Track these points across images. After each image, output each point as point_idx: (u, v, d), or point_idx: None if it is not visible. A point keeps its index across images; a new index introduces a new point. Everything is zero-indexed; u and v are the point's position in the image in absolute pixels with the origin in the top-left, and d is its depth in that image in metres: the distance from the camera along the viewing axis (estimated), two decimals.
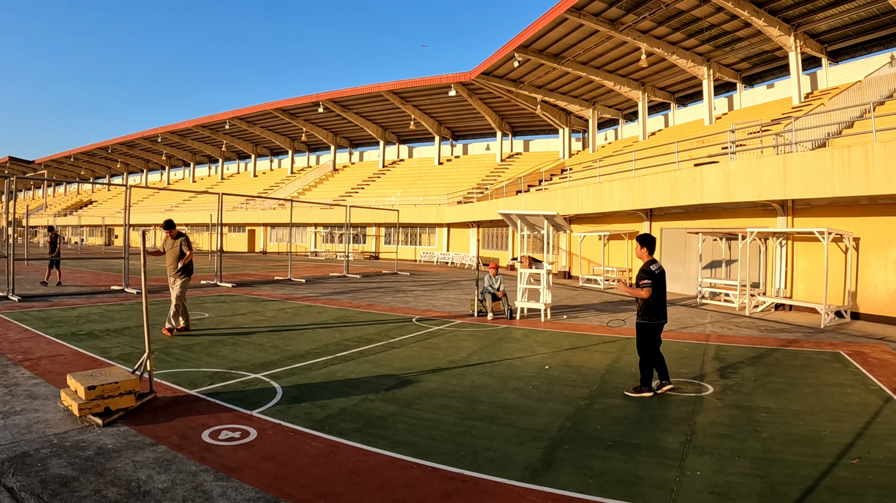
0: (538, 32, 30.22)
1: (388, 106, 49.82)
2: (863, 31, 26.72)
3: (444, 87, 43.11)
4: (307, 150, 66.63)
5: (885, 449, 5.58)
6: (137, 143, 69.93)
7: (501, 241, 37.54)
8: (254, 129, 60.19)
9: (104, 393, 5.89)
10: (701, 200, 18.04)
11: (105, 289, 18.30)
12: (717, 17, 26.51)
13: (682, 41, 29.79)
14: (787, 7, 25.09)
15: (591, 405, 6.93)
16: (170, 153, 73.71)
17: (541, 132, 51.23)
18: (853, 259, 15.29)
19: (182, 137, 66.51)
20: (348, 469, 4.86)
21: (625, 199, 21.91)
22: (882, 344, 11.57)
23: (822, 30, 26.87)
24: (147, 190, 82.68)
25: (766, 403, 7.12)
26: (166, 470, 4.69)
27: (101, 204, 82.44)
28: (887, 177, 12.71)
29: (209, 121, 59.35)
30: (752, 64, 32.51)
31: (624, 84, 35.79)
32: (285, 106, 52.77)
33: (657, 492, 4.56)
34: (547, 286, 14.35)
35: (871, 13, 24.57)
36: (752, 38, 28.46)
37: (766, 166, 15.70)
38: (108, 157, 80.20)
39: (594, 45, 31.00)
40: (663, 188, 19.66)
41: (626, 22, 27.71)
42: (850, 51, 28.56)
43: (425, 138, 57.85)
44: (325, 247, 51.62)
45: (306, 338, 11.04)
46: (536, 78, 37.55)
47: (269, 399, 6.80)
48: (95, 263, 33.23)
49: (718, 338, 11.92)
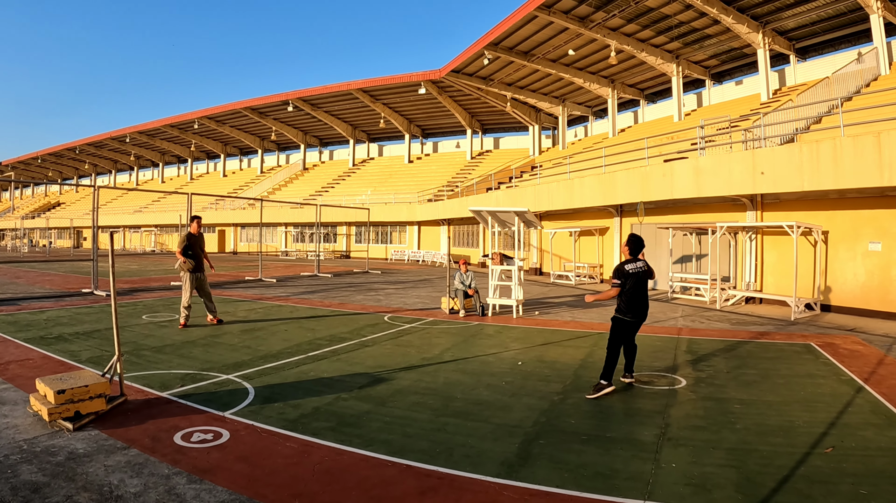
0: (508, 30, 30.20)
1: (357, 104, 49.56)
2: (830, 29, 27.05)
3: (413, 85, 42.95)
4: (277, 149, 66.07)
5: (858, 437, 5.62)
6: (105, 143, 68.80)
7: (472, 238, 37.53)
8: (223, 128, 59.54)
9: (74, 397, 5.76)
10: (671, 196, 18.13)
11: (74, 292, 17.93)
12: (686, 15, 26.69)
13: (652, 38, 29.94)
14: (756, 5, 25.31)
15: (565, 400, 6.90)
16: (138, 153, 72.62)
17: (511, 129, 51.30)
18: (822, 252, 15.46)
19: (150, 137, 65.55)
20: (323, 468, 4.79)
21: (595, 195, 21.98)
22: (852, 335, 11.70)
23: (790, 27, 27.17)
24: (116, 191, 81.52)
25: (740, 395, 7.13)
26: (138, 473, 4.59)
27: (69, 206, 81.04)
28: (855, 171, 12.86)
29: (178, 120, 58.55)
30: (720, 61, 32.79)
31: (593, 81, 35.92)
32: (255, 105, 52.27)
33: (633, 485, 4.54)
34: (518, 282, 14.32)
35: (838, 10, 24.89)
36: (721, 36, 28.70)
37: (736, 161, 15.82)
38: (75, 158, 78.84)
39: (564, 43, 31.04)
40: (633, 184, 19.74)
41: (595, 19, 27.78)
42: (818, 48, 28.92)
43: (395, 136, 57.60)
44: (295, 246, 51.22)
45: (278, 337, 10.88)
46: (506, 75, 37.55)
47: (242, 400, 6.68)
48: (64, 266, 32.57)
49: (690, 332, 11.96)
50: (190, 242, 12.08)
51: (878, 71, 22.69)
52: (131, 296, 17.14)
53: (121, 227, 62.77)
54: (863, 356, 9.61)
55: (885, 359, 9.42)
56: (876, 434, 5.75)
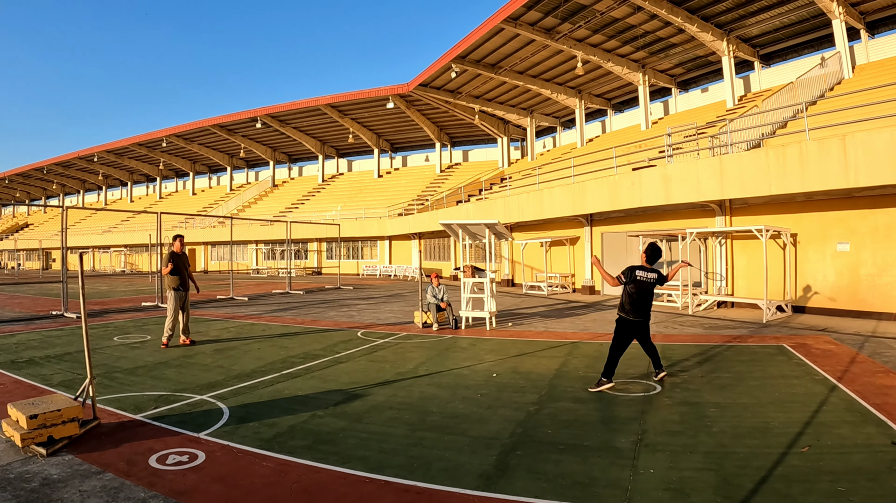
0: (475, 42, 30.34)
1: (326, 120, 49.46)
2: (794, 35, 27.55)
3: (382, 100, 42.95)
4: (246, 166, 65.60)
5: (833, 435, 5.66)
6: (73, 162, 67.82)
7: (444, 251, 37.51)
8: (191, 146, 58.99)
9: (47, 421, 5.65)
10: (640, 204, 18.26)
11: (44, 315, 17.55)
12: (651, 25, 27.03)
13: (618, 48, 30.25)
14: (720, 13, 25.72)
15: (541, 410, 6.86)
16: (107, 173, 71.65)
17: (480, 142, 51.46)
18: (792, 254, 15.66)
19: (119, 156, 64.71)
20: (300, 487, 4.72)
21: (565, 205, 22.06)
22: (824, 335, 11.84)
23: (754, 34, 27.65)
24: (84, 211, 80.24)
25: (715, 398, 7.15)
26: (114, 498, 4.49)
27: (37, 226, 79.65)
28: (822, 173, 13.05)
29: (146, 139, 57.81)
30: (686, 69, 33.23)
31: (561, 92, 36.19)
32: (223, 122, 51.92)
33: (612, 492, 4.51)
34: (491, 294, 14.29)
35: (801, 17, 25.37)
36: (686, 44, 29.12)
37: (704, 168, 15.97)
38: (43, 178, 77.55)
39: (531, 55, 31.27)
40: (603, 193, 19.83)
41: (562, 31, 28.01)
42: (782, 54, 29.42)
43: (364, 151, 57.47)
44: (266, 264, 50.82)
45: (251, 356, 10.72)
46: (474, 88, 37.70)
47: (217, 420, 6.56)
48: (33, 288, 32.06)
49: (664, 338, 12.00)
50: (174, 261, 11.92)
51: (841, 75, 23.14)
52: (102, 318, 16.82)
53: (90, 247, 61.81)
54: (835, 355, 9.71)
55: (858, 357, 9.54)
56: (851, 431, 5.79)
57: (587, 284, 23.20)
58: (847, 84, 22.12)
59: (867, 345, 10.59)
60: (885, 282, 13.88)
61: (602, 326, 13.90)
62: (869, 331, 12.33)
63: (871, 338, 11.46)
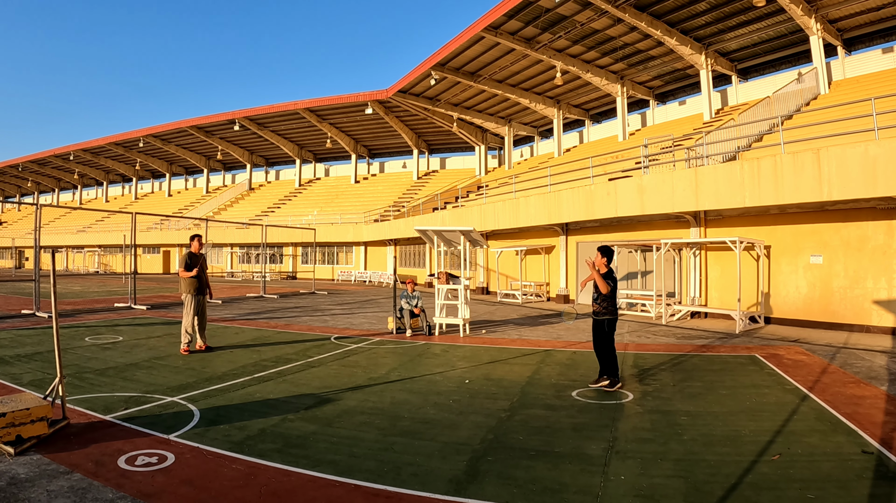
0: (455, 50, 30.41)
1: (304, 124, 49.31)
2: (771, 50, 27.90)
3: (360, 105, 42.90)
4: (223, 168, 65.19)
5: (803, 444, 5.69)
6: (49, 160, 67.00)
7: (419, 258, 37.47)
8: (168, 147, 58.45)
9: (15, 420, 5.57)
10: (616, 214, 18.34)
11: (15, 314, 17.26)
12: (630, 37, 27.24)
13: (597, 59, 30.46)
14: (699, 27, 25.98)
15: (512, 417, 6.83)
16: (82, 171, 70.83)
17: (457, 150, 51.62)
18: (765, 266, 15.80)
19: (95, 155, 64.00)
20: (269, 490, 4.68)
21: (541, 214, 22.12)
22: (796, 345, 11.94)
23: (732, 48, 27.95)
24: (59, 210, 79.01)
25: (686, 407, 7.16)
26: (82, 498, 4.42)
27: (11, 224, 78.54)
28: (796, 187, 13.18)
29: (123, 138, 57.27)
30: (664, 81, 33.54)
31: (539, 101, 36.37)
32: (200, 123, 51.56)
33: (583, 499, 4.50)
34: (465, 301, 14.24)
35: (779, 32, 25.70)
36: (665, 57, 29.38)
37: (679, 179, 16.07)
38: (18, 176, 76.51)
39: (510, 64, 31.40)
40: (579, 203, 19.90)
41: (541, 41, 28.14)
42: (759, 68, 29.78)
43: (342, 156, 57.41)
44: (241, 267, 50.43)
45: (223, 359, 10.60)
46: (453, 96, 37.82)
47: (187, 422, 6.49)
48: (5, 287, 31.55)
49: (636, 347, 12.04)
50: (192, 262, 11.58)
51: (817, 90, 23.48)
52: (74, 318, 16.58)
53: (64, 246, 61.00)
54: (807, 365, 9.79)
55: (829, 367, 9.62)
56: (821, 440, 5.82)
57: (562, 293, 23.24)
58: (823, 99, 22.45)
59: (839, 356, 10.69)
60: (856, 295, 14.04)
61: (575, 335, 13.91)
62: (841, 342, 12.45)
63: (842, 349, 11.56)
